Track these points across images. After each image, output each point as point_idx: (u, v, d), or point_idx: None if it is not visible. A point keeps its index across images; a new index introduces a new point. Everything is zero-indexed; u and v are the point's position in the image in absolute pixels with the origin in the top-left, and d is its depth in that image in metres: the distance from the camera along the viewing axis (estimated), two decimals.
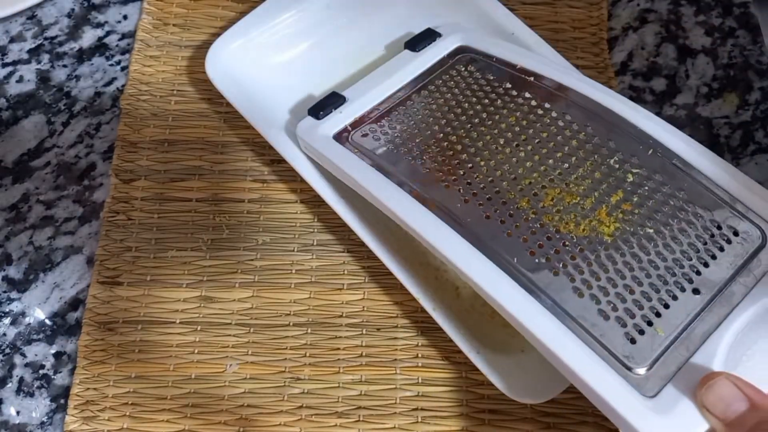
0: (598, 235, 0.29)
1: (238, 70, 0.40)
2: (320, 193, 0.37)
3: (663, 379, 0.26)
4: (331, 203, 0.36)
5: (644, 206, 0.30)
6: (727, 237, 0.29)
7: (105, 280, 0.38)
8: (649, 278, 0.28)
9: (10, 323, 0.38)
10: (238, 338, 0.37)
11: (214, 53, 0.40)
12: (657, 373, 0.26)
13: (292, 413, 0.36)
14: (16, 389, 0.37)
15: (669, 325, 0.27)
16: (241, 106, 0.39)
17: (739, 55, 0.45)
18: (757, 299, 0.27)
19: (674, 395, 0.25)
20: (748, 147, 0.42)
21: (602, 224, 0.30)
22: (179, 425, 0.35)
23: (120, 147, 0.42)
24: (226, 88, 0.39)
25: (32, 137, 0.43)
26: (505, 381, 0.33)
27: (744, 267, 0.28)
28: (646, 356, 0.26)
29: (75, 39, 0.46)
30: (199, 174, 0.41)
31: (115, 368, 0.37)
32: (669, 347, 0.27)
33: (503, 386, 0.33)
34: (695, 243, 0.29)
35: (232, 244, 0.39)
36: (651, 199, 0.30)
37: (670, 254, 0.29)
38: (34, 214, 0.41)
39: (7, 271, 0.39)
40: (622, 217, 0.30)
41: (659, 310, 0.27)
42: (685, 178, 0.31)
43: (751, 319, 0.27)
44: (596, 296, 0.28)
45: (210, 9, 0.46)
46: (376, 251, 0.35)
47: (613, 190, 0.31)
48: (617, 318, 0.27)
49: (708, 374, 0.25)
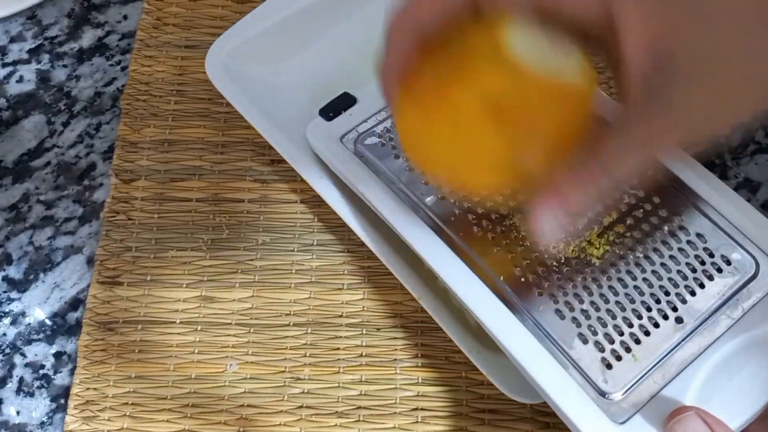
0: (586, 257, 0.29)
1: (238, 70, 0.40)
2: (320, 193, 0.37)
3: (634, 406, 0.26)
4: (331, 203, 0.36)
5: (637, 229, 0.30)
6: (719, 266, 0.29)
7: (105, 280, 0.38)
8: (633, 304, 0.28)
9: (10, 323, 0.38)
10: (238, 338, 0.37)
11: (214, 53, 0.40)
12: (629, 400, 0.26)
13: (292, 413, 0.36)
14: (16, 389, 0.37)
15: (647, 352, 0.27)
16: (241, 106, 0.39)
17: None
18: (740, 332, 0.27)
19: (643, 424, 0.25)
20: (748, 147, 0.42)
21: (592, 246, 0.29)
22: (179, 425, 0.35)
23: (120, 147, 0.42)
24: (225, 87, 0.39)
25: (32, 137, 0.43)
26: (504, 381, 0.33)
27: (732, 297, 0.28)
28: (621, 382, 0.26)
29: (75, 39, 0.46)
30: (199, 174, 0.41)
31: (115, 368, 0.37)
32: (644, 375, 0.26)
33: (503, 386, 0.33)
34: (684, 270, 0.29)
35: (232, 244, 0.39)
36: (645, 222, 0.30)
37: (657, 280, 0.28)
38: (34, 214, 0.41)
39: (7, 271, 0.39)
40: (613, 239, 0.29)
41: (639, 336, 0.27)
42: (682, 200, 0.30)
43: (732, 351, 0.27)
44: (577, 319, 0.28)
45: (210, 9, 0.46)
46: (376, 251, 0.35)
47: (607, 211, 0.30)
48: (596, 342, 0.27)
49: (678, 408, 0.25)
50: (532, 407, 0.36)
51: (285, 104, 0.41)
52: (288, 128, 0.38)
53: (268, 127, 0.38)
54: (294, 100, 0.41)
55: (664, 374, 0.27)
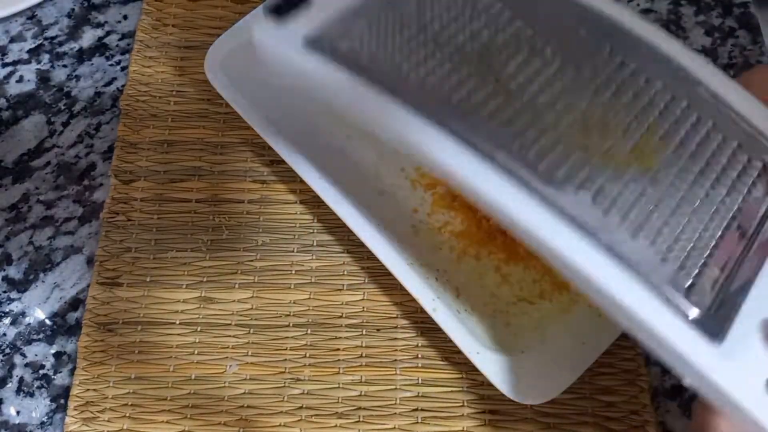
0: (640, 166, 0.27)
1: (237, 70, 0.40)
2: (319, 193, 0.37)
3: (727, 320, 0.24)
4: (330, 203, 0.37)
5: (679, 136, 0.27)
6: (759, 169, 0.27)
7: (105, 281, 0.38)
8: (696, 215, 0.26)
9: (10, 323, 0.38)
10: (238, 339, 0.37)
11: (213, 53, 0.40)
12: (720, 314, 0.24)
13: (292, 414, 0.36)
14: (16, 389, 0.37)
15: (720, 262, 0.25)
16: (240, 107, 0.39)
17: (739, 55, 0.45)
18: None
19: (741, 337, 0.24)
20: None
21: (644, 155, 0.27)
22: (179, 426, 0.35)
23: (119, 148, 0.42)
24: (224, 88, 0.39)
25: (32, 137, 0.43)
26: (505, 382, 0.33)
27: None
28: (707, 298, 0.24)
29: (75, 39, 0.46)
30: (199, 175, 0.41)
31: (115, 369, 0.37)
32: (725, 287, 0.25)
33: (504, 387, 0.33)
34: (729, 176, 0.27)
35: (232, 244, 0.39)
36: (685, 129, 0.27)
37: (710, 189, 0.26)
38: (34, 214, 0.41)
39: (7, 271, 0.39)
40: (661, 147, 0.27)
41: (711, 249, 0.25)
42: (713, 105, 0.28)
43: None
44: (650, 237, 0.25)
45: (209, 9, 0.46)
46: (385, 260, 0.36)
47: (649, 119, 0.27)
48: (675, 257, 0.25)
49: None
50: (533, 408, 0.36)
51: (284, 105, 0.41)
52: (287, 129, 0.38)
53: (266, 127, 0.38)
54: (292, 102, 0.41)
55: (743, 285, 0.25)
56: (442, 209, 0.39)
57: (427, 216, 0.39)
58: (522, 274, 0.37)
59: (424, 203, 0.39)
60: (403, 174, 0.40)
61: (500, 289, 0.37)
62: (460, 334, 0.34)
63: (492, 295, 0.37)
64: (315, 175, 0.37)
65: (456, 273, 0.37)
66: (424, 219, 0.39)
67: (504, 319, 0.36)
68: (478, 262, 0.38)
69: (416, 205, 0.39)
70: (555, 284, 0.37)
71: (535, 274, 0.37)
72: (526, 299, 0.37)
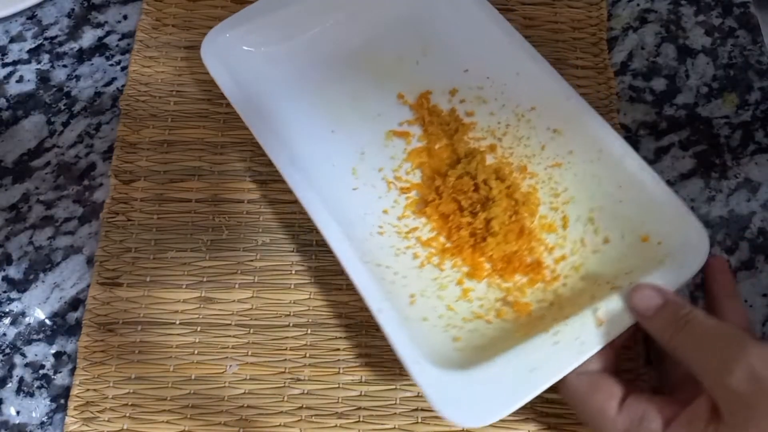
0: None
1: (235, 57, 0.41)
2: (286, 178, 0.36)
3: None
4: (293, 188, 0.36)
5: None
6: None
7: (105, 281, 0.38)
8: None
9: (10, 323, 0.38)
10: (238, 339, 0.37)
11: (213, 37, 0.41)
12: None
13: (292, 414, 0.36)
14: (16, 389, 0.37)
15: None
16: (231, 94, 0.39)
17: (739, 55, 0.45)
18: None
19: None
20: (748, 147, 0.42)
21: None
22: (179, 426, 0.35)
23: (119, 148, 0.42)
24: (219, 75, 0.39)
25: (32, 137, 0.43)
26: (440, 397, 0.31)
27: None
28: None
29: (75, 39, 0.46)
30: (199, 175, 0.41)
31: (115, 369, 0.37)
32: None
33: (437, 403, 0.30)
34: None
35: (232, 244, 0.39)
36: None
37: None
38: (34, 214, 0.41)
39: (7, 271, 0.39)
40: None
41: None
42: None
43: None
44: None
45: (209, 9, 0.46)
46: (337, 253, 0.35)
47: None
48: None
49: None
50: (533, 408, 0.36)
51: (279, 97, 0.41)
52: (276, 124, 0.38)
53: (253, 117, 0.38)
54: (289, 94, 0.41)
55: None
56: (413, 214, 0.39)
57: (397, 219, 0.38)
58: (484, 292, 0.36)
59: (396, 206, 0.39)
60: (380, 174, 0.40)
61: (458, 303, 0.36)
62: (400, 341, 0.32)
63: (448, 308, 0.36)
64: (286, 162, 0.37)
65: (415, 280, 0.36)
66: (393, 221, 0.38)
67: (455, 334, 0.35)
68: (441, 272, 0.37)
69: (388, 207, 0.39)
70: (517, 307, 0.35)
71: (497, 293, 0.36)
72: (483, 318, 0.35)
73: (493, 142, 0.40)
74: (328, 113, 0.41)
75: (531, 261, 0.37)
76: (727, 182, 0.41)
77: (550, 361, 0.31)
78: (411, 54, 0.43)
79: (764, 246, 0.40)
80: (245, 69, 0.41)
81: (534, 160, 0.39)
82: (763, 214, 0.41)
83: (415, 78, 0.42)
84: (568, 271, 0.36)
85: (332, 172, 0.39)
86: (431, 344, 0.33)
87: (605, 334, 0.31)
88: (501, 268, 0.36)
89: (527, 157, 0.39)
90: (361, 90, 0.42)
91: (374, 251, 0.37)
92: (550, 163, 0.39)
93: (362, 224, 0.38)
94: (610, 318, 0.32)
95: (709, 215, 0.40)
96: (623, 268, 0.35)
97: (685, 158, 0.42)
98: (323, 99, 0.42)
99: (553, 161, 0.39)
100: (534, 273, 0.36)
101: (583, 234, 0.37)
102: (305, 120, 0.41)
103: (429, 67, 0.42)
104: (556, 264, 0.36)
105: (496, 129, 0.40)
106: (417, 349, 0.32)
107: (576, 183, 0.38)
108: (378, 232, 0.38)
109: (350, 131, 0.41)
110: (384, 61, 0.43)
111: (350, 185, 0.39)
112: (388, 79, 0.42)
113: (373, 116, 0.41)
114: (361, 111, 0.41)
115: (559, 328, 0.32)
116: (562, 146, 0.38)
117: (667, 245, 0.34)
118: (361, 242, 0.37)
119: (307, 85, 0.42)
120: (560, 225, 0.37)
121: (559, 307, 0.35)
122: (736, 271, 0.39)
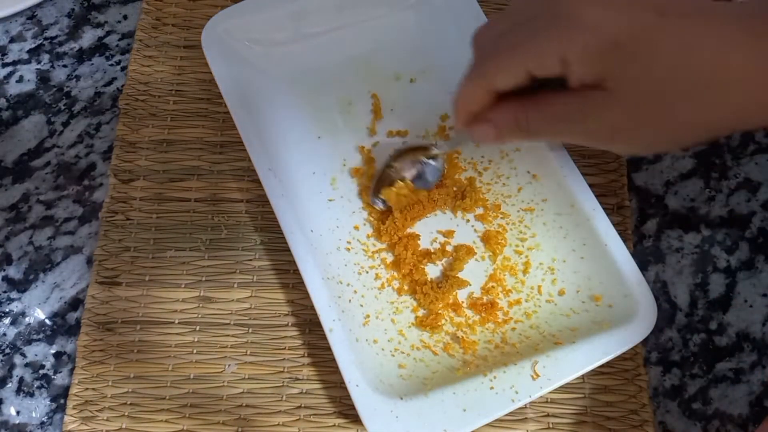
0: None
1: (233, 47, 0.41)
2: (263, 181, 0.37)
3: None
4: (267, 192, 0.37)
5: None
6: None
7: (104, 281, 0.39)
8: None
9: (10, 323, 0.38)
10: (237, 338, 0.37)
11: (214, 25, 0.41)
12: None
13: (290, 413, 0.36)
14: (16, 389, 0.37)
15: None
16: (223, 84, 0.39)
17: None
18: None
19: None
20: (748, 147, 0.42)
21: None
22: (178, 425, 0.35)
23: (119, 147, 0.42)
24: (217, 65, 0.40)
25: (32, 137, 0.43)
26: (374, 422, 0.32)
27: None
28: None
29: (75, 39, 0.46)
30: (198, 174, 0.41)
31: (114, 368, 0.37)
32: None
33: (371, 426, 0.32)
34: None
35: (231, 244, 0.39)
36: None
37: None
38: (34, 214, 0.41)
39: (7, 271, 0.39)
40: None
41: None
42: None
43: None
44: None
45: (208, 9, 0.46)
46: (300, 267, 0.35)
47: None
48: None
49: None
50: (533, 408, 0.36)
51: (274, 91, 0.41)
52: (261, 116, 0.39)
53: (239, 107, 0.39)
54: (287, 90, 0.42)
55: None
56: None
57: (366, 237, 0.38)
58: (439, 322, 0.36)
59: (367, 224, 0.39)
60: (357, 188, 0.40)
61: (410, 329, 0.36)
62: (345, 362, 0.33)
63: (399, 333, 0.36)
64: (265, 166, 0.37)
65: (373, 300, 0.37)
66: (362, 238, 0.38)
67: (401, 360, 0.35)
68: (398, 297, 0.37)
69: (359, 223, 0.39)
70: (465, 344, 0.35)
71: (450, 327, 0.36)
72: (431, 348, 0.36)
73: (472, 175, 0.40)
74: (317, 118, 0.41)
75: (486, 301, 0.37)
76: (727, 182, 0.41)
77: (483, 405, 0.33)
78: (409, 71, 0.43)
79: (764, 246, 0.40)
80: (244, 63, 0.41)
81: (509, 201, 0.39)
82: (763, 214, 0.40)
83: (408, 96, 0.42)
84: (519, 317, 0.36)
85: (312, 179, 0.39)
86: (376, 368, 0.34)
87: (539, 388, 0.33)
88: (455, 303, 0.37)
89: (503, 196, 0.39)
90: (353, 99, 0.42)
91: (338, 266, 0.37)
92: (524, 207, 0.39)
93: (331, 237, 0.38)
94: (545, 374, 0.33)
95: (709, 215, 0.40)
96: (570, 324, 0.35)
97: (685, 158, 0.42)
98: (315, 103, 0.42)
99: (527, 205, 0.39)
100: (487, 313, 0.36)
101: (542, 282, 0.37)
102: (295, 122, 0.41)
103: (424, 86, 0.42)
104: (510, 307, 0.37)
105: (477, 162, 0.40)
106: (361, 372, 0.33)
107: (544, 231, 0.38)
108: (345, 247, 0.38)
109: (336, 140, 0.41)
110: (381, 74, 0.42)
111: (327, 196, 0.39)
112: (382, 93, 0.42)
113: (361, 128, 0.41)
114: (350, 121, 0.41)
115: (498, 374, 0.33)
116: (537, 192, 0.39)
117: (616, 310, 0.35)
118: (327, 255, 0.37)
119: (302, 87, 0.42)
120: (521, 269, 0.38)
121: (502, 352, 0.35)
122: (736, 271, 0.39)
